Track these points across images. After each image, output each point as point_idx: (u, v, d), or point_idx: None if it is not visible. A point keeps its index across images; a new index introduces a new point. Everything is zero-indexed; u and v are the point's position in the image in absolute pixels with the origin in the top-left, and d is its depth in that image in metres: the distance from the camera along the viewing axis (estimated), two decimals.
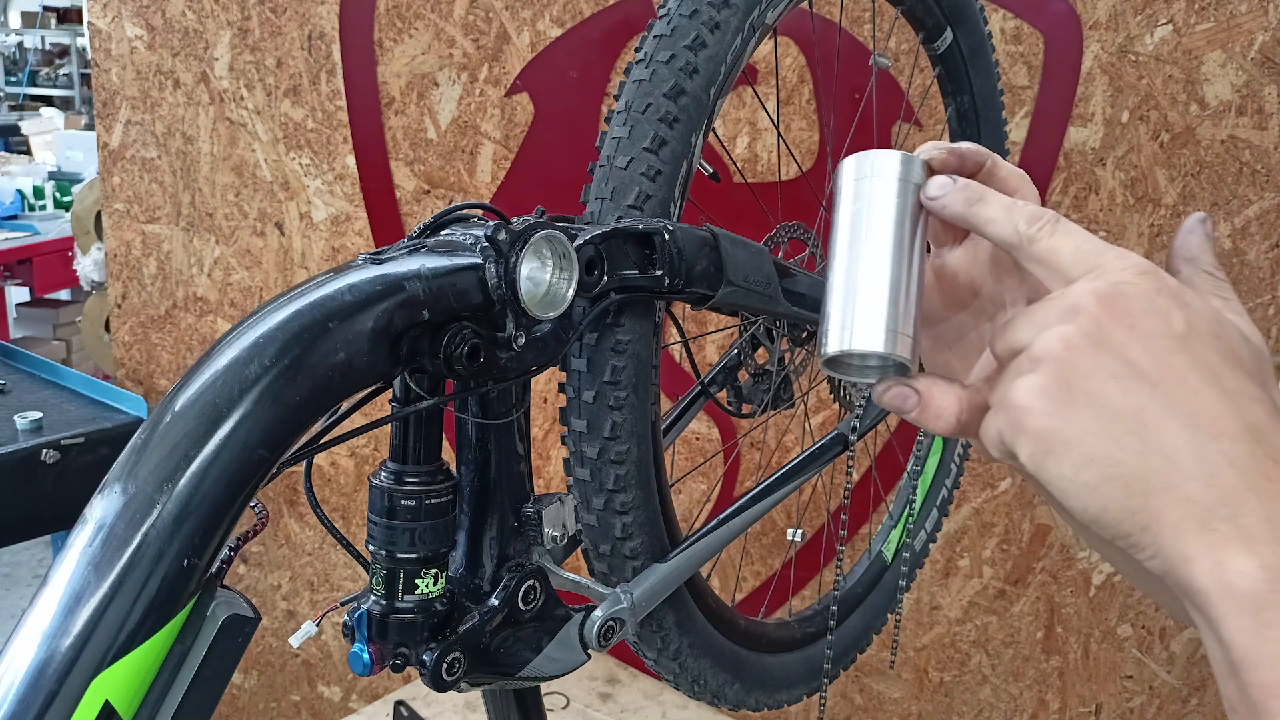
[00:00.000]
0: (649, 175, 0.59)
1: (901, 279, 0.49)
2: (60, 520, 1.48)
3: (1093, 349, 0.42)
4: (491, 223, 0.52)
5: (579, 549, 0.65)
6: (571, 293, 0.53)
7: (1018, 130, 1.36)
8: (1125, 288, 0.44)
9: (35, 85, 9.58)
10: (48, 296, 4.22)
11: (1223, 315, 0.44)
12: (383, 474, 0.53)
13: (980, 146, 0.52)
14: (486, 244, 0.50)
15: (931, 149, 0.51)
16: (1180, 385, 0.41)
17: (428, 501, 0.53)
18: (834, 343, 0.49)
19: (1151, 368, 0.42)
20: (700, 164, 0.64)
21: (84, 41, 8.73)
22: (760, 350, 0.80)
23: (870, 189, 0.50)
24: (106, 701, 0.38)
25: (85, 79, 9.06)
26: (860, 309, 0.48)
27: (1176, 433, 0.41)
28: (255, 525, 0.47)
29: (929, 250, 0.57)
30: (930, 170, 0.50)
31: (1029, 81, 1.35)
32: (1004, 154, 0.97)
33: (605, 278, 0.55)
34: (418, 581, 0.53)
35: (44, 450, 1.40)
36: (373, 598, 0.54)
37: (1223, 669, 0.39)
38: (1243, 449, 0.40)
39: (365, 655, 0.53)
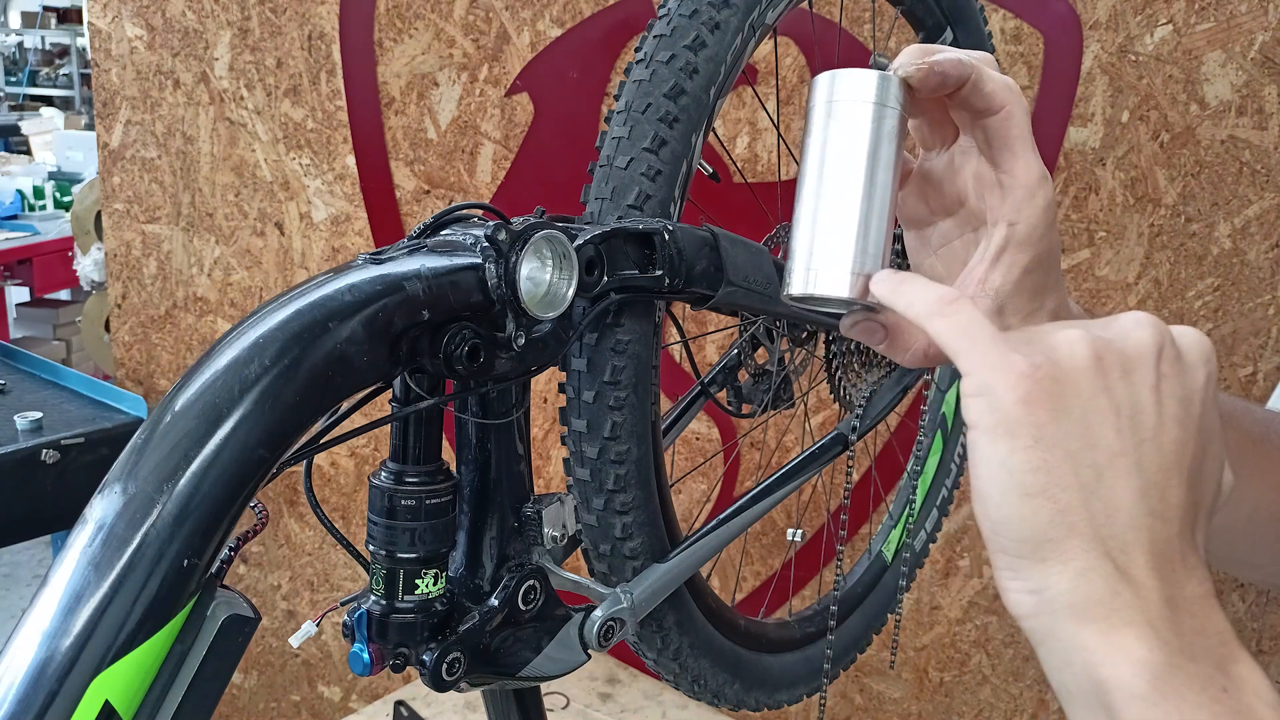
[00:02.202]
0: (649, 175, 0.59)
1: (871, 216, 0.47)
2: (60, 520, 1.48)
3: (1119, 376, 0.40)
4: (491, 223, 0.52)
5: (579, 549, 0.65)
6: (571, 293, 0.53)
7: None
8: (1185, 339, 0.42)
9: (35, 85, 9.58)
10: (48, 296, 4.23)
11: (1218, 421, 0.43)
12: (383, 474, 0.53)
13: (964, 58, 0.48)
14: (486, 244, 0.50)
15: (910, 64, 0.48)
16: (1162, 455, 0.40)
17: (428, 501, 0.53)
18: (798, 284, 0.48)
19: (1152, 424, 0.40)
20: (700, 164, 0.64)
21: (84, 41, 8.73)
22: (760, 350, 0.80)
23: (842, 113, 0.47)
24: (106, 701, 0.38)
25: (85, 79, 9.07)
26: (826, 250, 0.47)
27: (1129, 493, 0.39)
28: (255, 525, 0.47)
29: (917, 154, 0.56)
30: (909, 90, 0.48)
31: (1029, 81, 1.35)
32: None
33: (605, 278, 0.55)
34: (418, 581, 0.53)
35: (44, 450, 1.40)
36: (373, 598, 0.54)
37: None
38: (1168, 534, 0.39)
39: (365, 655, 0.53)
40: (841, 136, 0.47)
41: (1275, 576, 0.70)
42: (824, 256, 0.47)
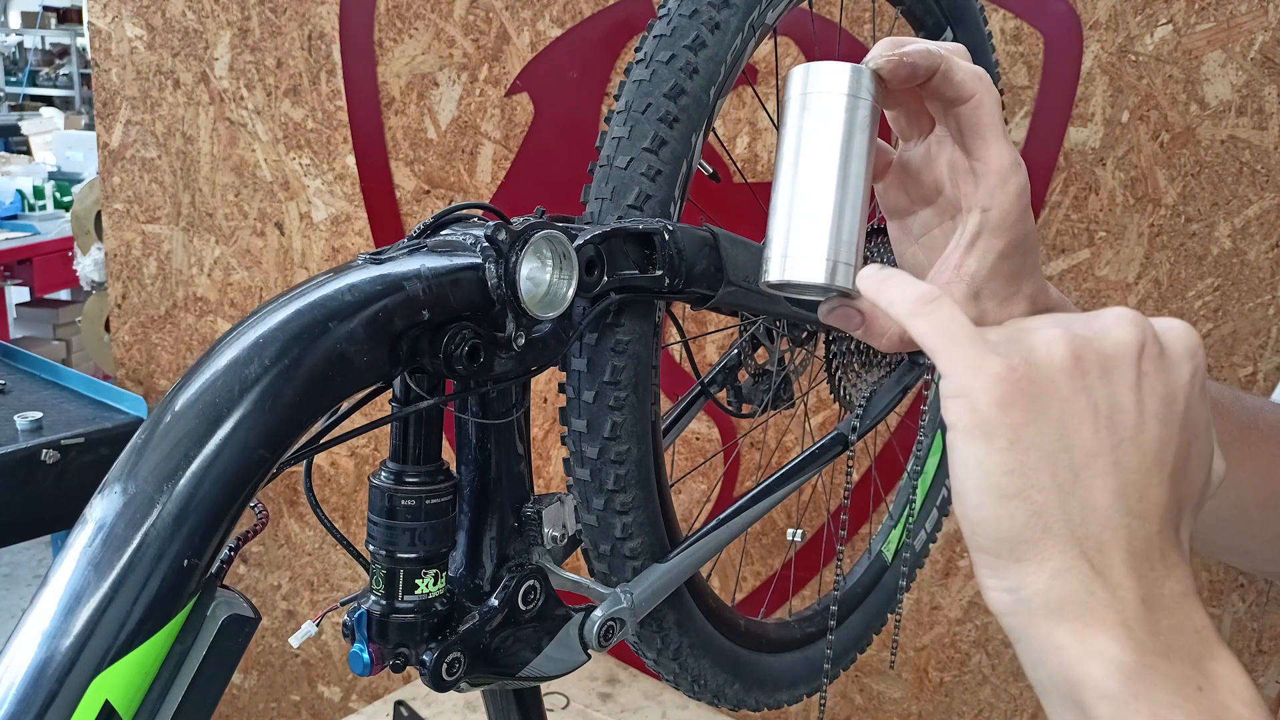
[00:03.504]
0: (649, 175, 0.59)
1: (845, 204, 0.48)
2: (60, 520, 1.48)
3: (1098, 375, 0.40)
4: (491, 223, 0.52)
5: (579, 549, 0.65)
6: (571, 293, 0.53)
7: (1018, 130, 1.36)
8: (1170, 334, 0.42)
9: (35, 85, 9.58)
10: (48, 296, 4.22)
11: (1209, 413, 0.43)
12: (383, 474, 0.53)
13: (933, 48, 0.49)
14: (486, 244, 0.50)
15: (880, 56, 0.48)
16: (1142, 455, 0.40)
17: (428, 501, 0.53)
18: (774, 271, 0.49)
19: (1132, 423, 0.40)
20: (700, 164, 0.64)
21: (84, 41, 8.73)
22: (760, 350, 0.80)
23: (816, 105, 0.48)
24: (106, 701, 0.38)
25: (85, 79, 9.07)
26: (802, 238, 0.48)
27: (1106, 493, 0.39)
28: (255, 525, 0.47)
29: (896, 144, 0.56)
30: (880, 81, 0.49)
31: (1029, 81, 1.35)
32: None
33: (605, 278, 0.55)
34: (418, 581, 0.53)
35: (44, 450, 1.40)
36: (373, 598, 0.54)
37: None
38: (1146, 533, 0.39)
39: (365, 655, 0.53)
40: (815, 128, 0.48)
41: (1264, 563, 0.70)
42: (799, 244, 0.48)
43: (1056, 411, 0.39)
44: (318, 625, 0.56)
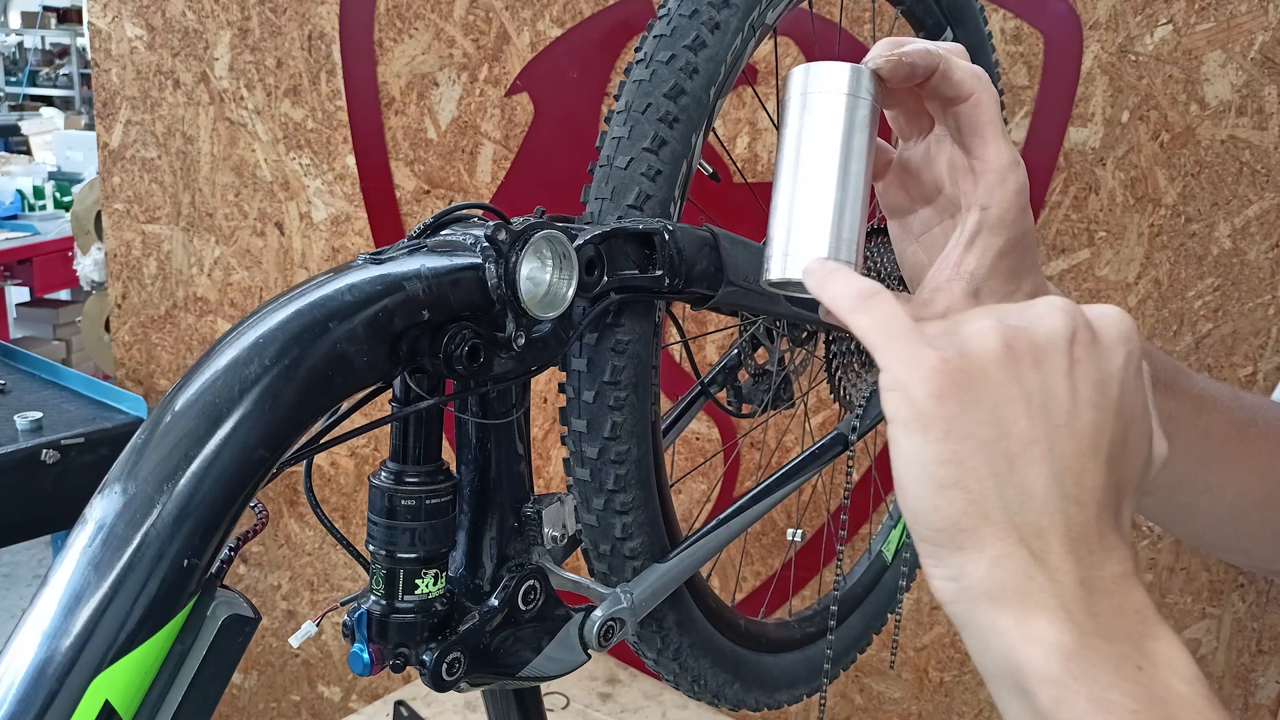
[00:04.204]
0: (649, 175, 0.59)
1: (845, 203, 0.48)
2: (60, 520, 1.48)
3: (1030, 364, 0.41)
4: (491, 223, 0.52)
5: (579, 549, 0.65)
6: (571, 293, 0.53)
7: (1018, 130, 1.36)
8: (1102, 320, 0.43)
9: (35, 85, 9.58)
10: (48, 296, 4.22)
11: (1149, 396, 0.43)
12: (383, 474, 0.53)
13: (932, 48, 0.50)
14: (486, 244, 0.50)
15: (880, 56, 0.49)
16: (1077, 440, 0.40)
17: (428, 501, 0.53)
18: (775, 270, 0.49)
19: (1065, 410, 0.40)
20: (700, 164, 0.64)
21: (84, 41, 8.73)
22: (760, 350, 0.80)
23: (816, 104, 0.49)
24: (106, 701, 0.38)
25: (85, 79, 9.06)
26: (802, 236, 0.48)
27: (1042, 479, 0.39)
28: (255, 525, 0.47)
29: (895, 143, 0.57)
30: (880, 81, 0.49)
31: (1029, 81, 1.35)
32: None
33: (605, 278, 0.55)
34: (418, 581, 0.53)
35: (44, 450, 1.40)
36: (373, 598, 0.54)
37: None
38: (1084, 517, 0.40)
39: (365, 655, 0.53)
40: (815, 127, 0.49)
41: (1262, 561, 0.70)
42: (800, 243, 0.48)
43: (990, 401, 0.40)
44: (318, 625, 0.56)
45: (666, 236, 0.57)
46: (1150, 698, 0.37)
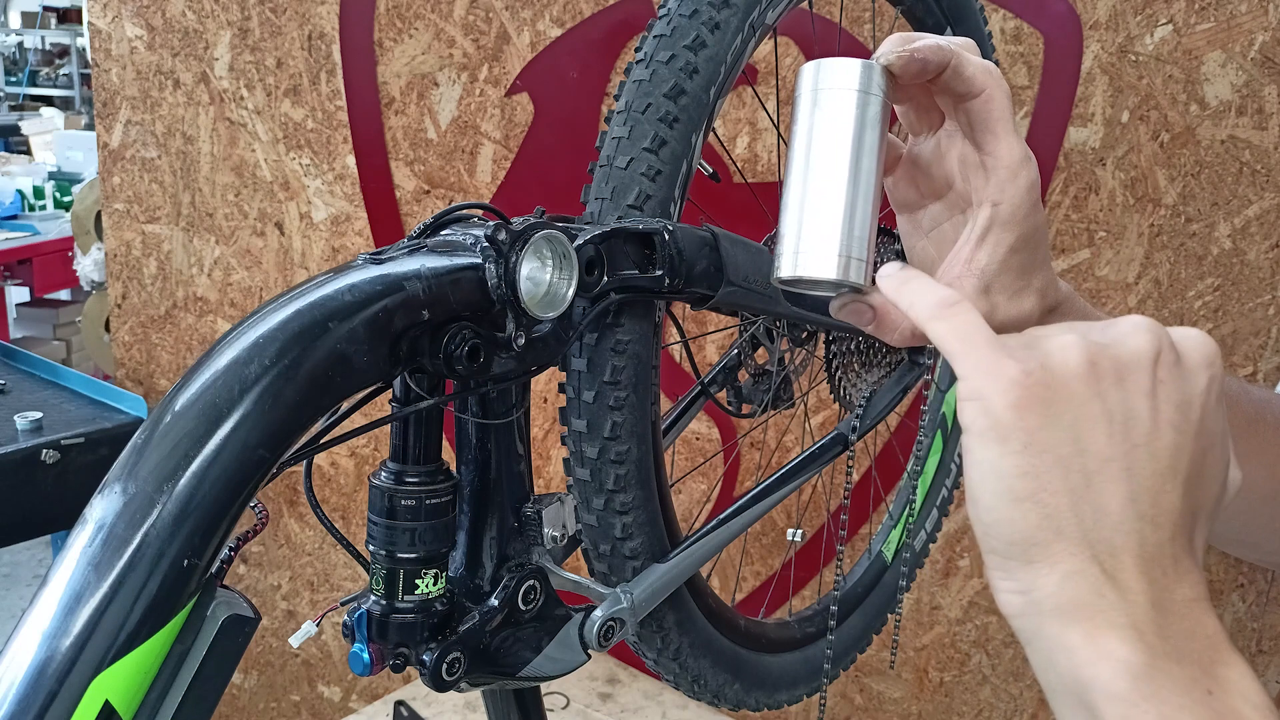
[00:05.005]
0: (649, 175, 0.59)
1: (856, 200, 0.48)
2: (60, 520, 1.48)
3: (1113, 382, 0.40)
4: (491, 223, 0.52)
5: (579, 549, 0.65)
6: (571, 293, 0.53)
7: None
8: (1186, 343, 0.42)
9: (35, 85, 9.57)
10: (48, 296, 4.22)
11: (1226, 426, 0.43)
12: (383, 474, 0.53)
13: (943, 43, 0.50)
14: (486, 244, 0.50)
15: (891, 52, 0.49)
16: (1156, 461, 0.40)
17: (428, 501, 0.53)
18: (787, 267, 0.49)
19: (1146, 430, 0.40)
20: (700, 164, 0.64)
21: (84, 41, 8.73)
22: (760, 350, 0.80)
23: (827, 101, 0.49)
24: (106, 701, 0.38)
25: (85, 79, 9.06)
26: (814, 233, 0.48)
27: (1118, 498, 0.39)
28: (255, 525, 0.47)
29: (906, 139, 0.57)
30: (891, 76, 0.49)
31: (1029, 81, 1.35)
32: None
33: (605, 278, 0.55)
34: (418, 581, 0.53)
35: (44, 450, 1.40)
36: (373, 598, 0.54)
37: None
38: (1159, 538, 0.39)
39: (365, 655, 0.53)
40: (827, 123, 0.49)
41: (1269, 554, 0.70)
42: (812, 239, 0.48)
43: (1071, 416, 0.40)
44: (318, 625, 0.56)
45: (666, 236, 0.57)
46: None
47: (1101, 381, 0.40)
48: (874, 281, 0.49)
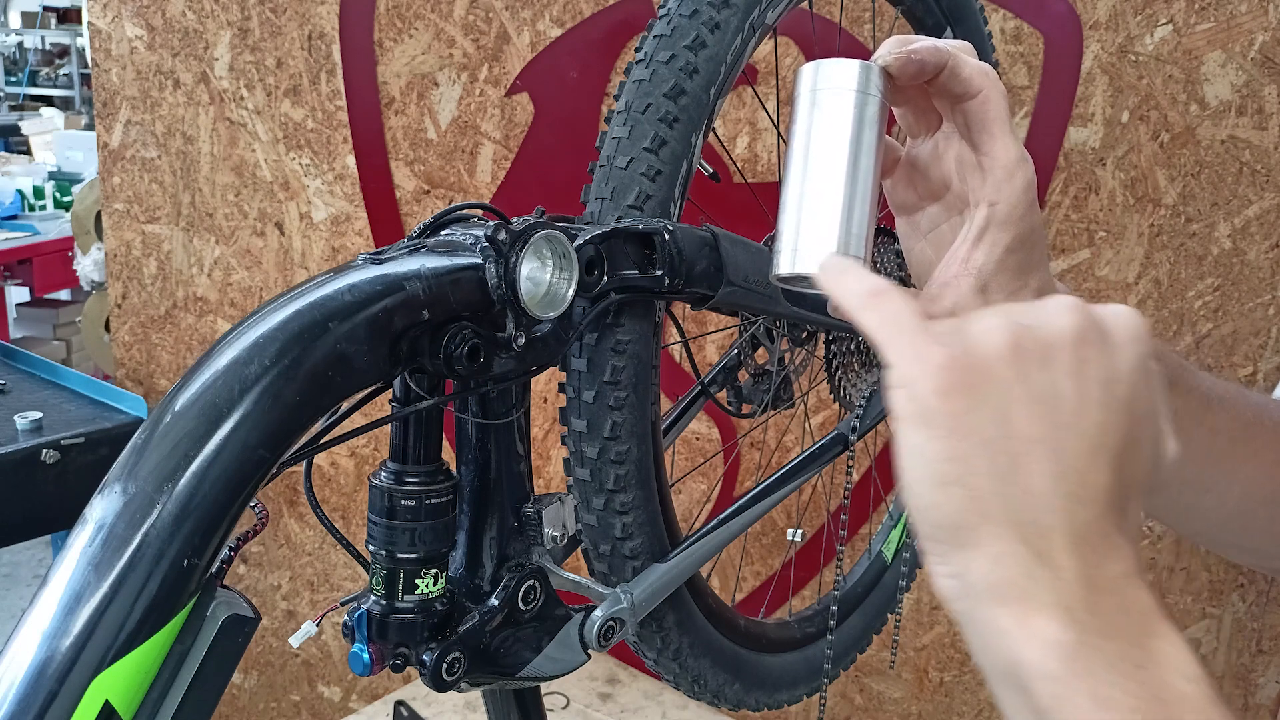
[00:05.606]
0: (649, 175, 0.59)
1: (854, 199, 0.48)
2: (60, 520, 1.48)
3: (1037, 363, 0.40)
4: (491, 223, 0.52)
5: (579, 549, 0.65)
6: (571, 293, 0.53)
7: (1018, 130, 1.36)
8: (1113, 320, 0.42)
9: (35, 85, 9.57)
10: (48, 296, 4.22)
11: (1159, 395, 0.43)
12: (383, 474, 0.53)
13: (941, 45, 0.50)
14: (486, 244, 0.50)
15: (889, 53, 0.49)
16: (1082, 439, 0.40)
17: (428, 501, 0.53)
18: (785, 264, 0.49)
19: (1071, 409, 0.40)
20: (700, 164, 0.64)
21: (84, 41, 8.72)
22: (760, 350, 0.80)
23: (825, 101, 0.49)
24: (106, 701, 0.38)
25: (85, 79, 9.06)
26: (811, 231, 0.49)
27: (1045, 478, 0.39)
28: (255, 525, 0.47)
29: (904, 141, 0.57)
30: (889, 78, 0.50)
31: (1029, 81, 1.35)
32: None
33: (605, 278, 0.55)
34: (418, 581, 0.53)
35: (44, 450, 1.40)
36: (373, 598, 0.54)
37: None
38: (1088, 516, 0.40)
39: (365, 655, 0.53)
40: (825, 123, 0.49)
41: (1268, 559, 0.70)
42: (809, 237, 0.49)
43: (995, 399, 0.40)
44: (318, 625, 0.56)
45: (666, 236, 0.57)
46: (1151, 696, 0.37)
47: (1025, 363, 0.40)
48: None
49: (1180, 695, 0.37)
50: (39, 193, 4.18)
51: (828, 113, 0.49)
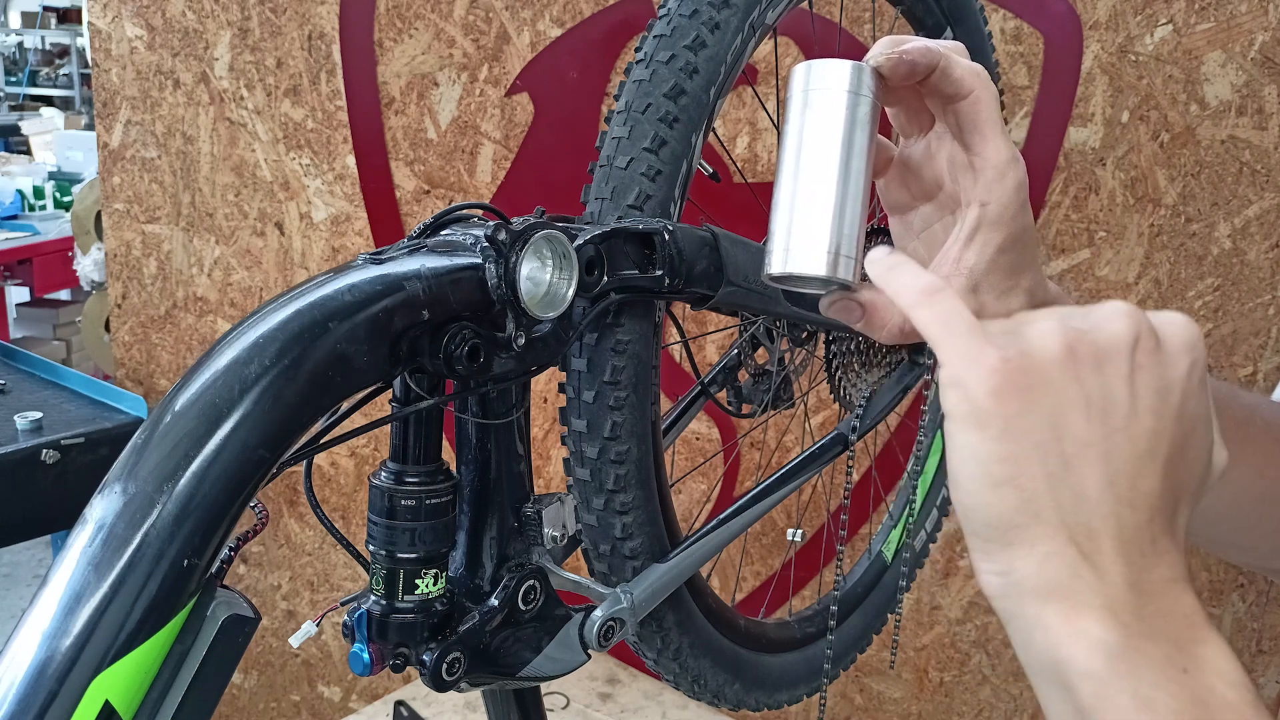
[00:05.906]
0: (649, 175, 0.59)
1: (846, 198, 0.49)
2: (60, 520, 1.48)
3: (1091, 367, 0.41)
4: (491, 223, 0.52)
5: (579, 549, 0.65)
6: (571, 293, 0.53)
7: (1018, 130, 1.36)
8: (1168, 327, 0.43)
9: (35, 85, 9.57)
10: (48, 296, 4.22)
11: (1210, 405, 0.43)
12: (383, 474, 0.53)
13: (932, 45, 0.50)
14: (486, 244, 0.50)
15: (880, 54, 0.50)
16: (1134, 445, 0.40)
17: (428, 501, 0.53)
18: (777, 264, 0.50)
19: (1124, 415, 0.41)
20: (700, 164, 0.64)
21: (84, 41, 8.72)
22: (760, 350, 0.80)
23: (818, 101, 0.49)
24: (106, 701, 0.38)
25: (85, 79, 9.06)
26: (804, 231, 0.49)
27: (1096, 482, 0.40)
28: (255, 525, 0.47)
29: (897, 141, 0.57)
30: (881, 78, 0.50)
31: (1029, 81, 1.35)
32: None
33: (605, 278, 0.55)
34: (418, 581, 0.53)
35: (44, 450, 1.40)
36: (373, 598, 0.54)
37: None
38: (1136, 520, 0.40)
39: (365, 655, 0.53)
40: (817, 123, 0.49)
41: (1261, 557, 0.70)
42: (801, 237, 0.49)
43: (1049, 402, 0.40)
44: (318, 625, 0.56)
45: (666, 236, 0.57)
46: (1194, 700, 0.37)
47: (1080, 367, 0.41)
48: (864, 278, 0.50)
49: (1223, 701, 0.37)
50: (39, 193, 4.18)
51: (820, 113, 0.49)
